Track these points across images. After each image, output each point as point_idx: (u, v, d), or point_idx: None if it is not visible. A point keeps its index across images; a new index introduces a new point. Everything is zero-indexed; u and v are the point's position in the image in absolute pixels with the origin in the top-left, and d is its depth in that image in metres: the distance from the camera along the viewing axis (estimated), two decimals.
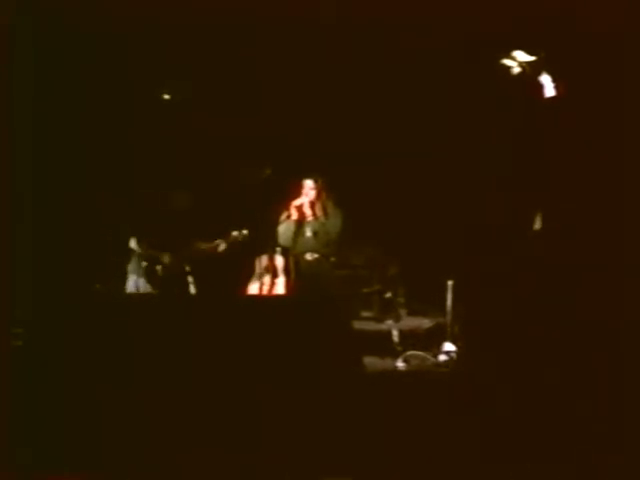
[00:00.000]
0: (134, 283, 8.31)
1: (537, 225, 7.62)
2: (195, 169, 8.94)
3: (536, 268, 7.19)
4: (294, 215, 8.26)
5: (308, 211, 8.27)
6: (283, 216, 8.31)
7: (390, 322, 8.76)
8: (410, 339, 8.50)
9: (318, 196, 8.29)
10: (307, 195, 8.29)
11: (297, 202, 8.27)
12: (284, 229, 8.31)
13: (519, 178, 8.11)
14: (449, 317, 8.24)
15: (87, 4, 7.76)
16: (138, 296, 7.98)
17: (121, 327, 6.11)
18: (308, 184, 8.30)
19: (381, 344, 8.36)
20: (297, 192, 8.33)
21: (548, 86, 7.74)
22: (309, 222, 8.29)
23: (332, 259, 8.40)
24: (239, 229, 8.42)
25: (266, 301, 7.87)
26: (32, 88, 7.52)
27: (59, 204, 8.34)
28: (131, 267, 8.34)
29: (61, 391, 5.79)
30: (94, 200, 8.49)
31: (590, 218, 7.20)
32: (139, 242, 8.29)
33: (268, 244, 8.56)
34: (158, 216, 8.26)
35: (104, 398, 5.70)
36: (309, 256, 8.30)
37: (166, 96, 8.96)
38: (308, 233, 8.27)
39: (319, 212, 8.28)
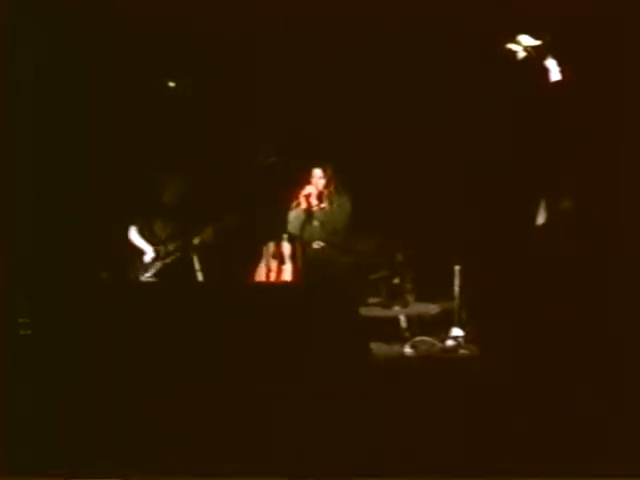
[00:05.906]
0: None
1: (542, 214, 7.61)
2: (199, 157, 8.95)
3: (541, 256, 7.18)
4: (303, 204, 8.25)
5: (316, 200, 8.25)
6: (294, 204, 8.30)
7: (397, 308, 8.76)
8: (418, 325, 8.52)
9: (327, 185, 8.28)
10: (316, 184, 8.27)
11: (305, 191, 8.24)
12: (293, 217, 8.30)
13: (523, 166, 8.09)
14: (456, 302, 8.26)
15: (87, 4, 7.75)
16: (144, 284, 7.98)
17: (127, 316, 6.13)
18: (317, 173, 8.29)
19: (389, 330, 8.39)
20: (306, 181, 8.31)
21: (554, 70, 7.73)
22: (317, 211, 8.27)
23: (339, 247, 8.37)
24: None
25: (273, 288, 7.90)
26: (32, 88, 7.52)
27: (61, 194, 8.34)
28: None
29: (63, 389, 5.79)
30: (97, 189, 8.49)
31: (595, 208, 7.18)
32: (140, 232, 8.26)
33: (274, 231, 8.55)
34: (159, 205, 8.25)
35: (110, 394, 5.70)
36: (316, 245, 8.30)
37: (168, 92, 8.97)
38: (315, 222, 8.26)
39: (327, 201, 8.26)
